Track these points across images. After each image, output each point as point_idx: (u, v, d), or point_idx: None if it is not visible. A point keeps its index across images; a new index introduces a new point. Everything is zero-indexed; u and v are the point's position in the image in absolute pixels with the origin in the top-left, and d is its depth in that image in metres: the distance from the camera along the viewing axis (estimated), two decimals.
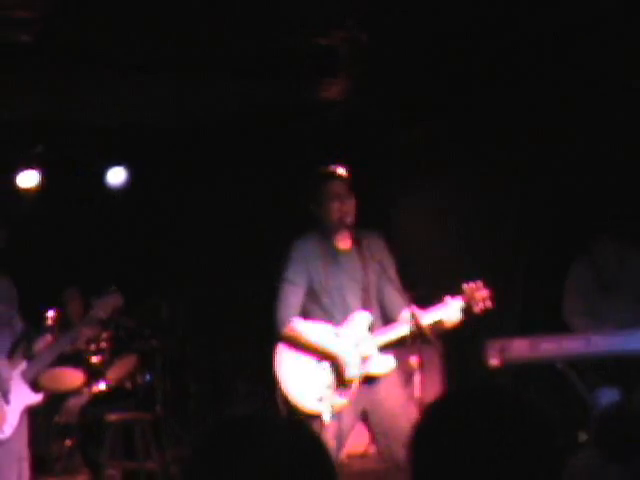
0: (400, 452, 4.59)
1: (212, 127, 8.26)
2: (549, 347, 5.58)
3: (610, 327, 5.66)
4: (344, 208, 4.85)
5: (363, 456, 6.62)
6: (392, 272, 4.96)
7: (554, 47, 6.32)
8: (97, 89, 7.41)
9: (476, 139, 7.43)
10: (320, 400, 4.75)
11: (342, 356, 4.82)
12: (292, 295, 4.90)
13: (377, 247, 4.98)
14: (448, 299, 4.84)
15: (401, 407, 4.87)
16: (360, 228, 4.95)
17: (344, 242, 4.95)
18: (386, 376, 4.90)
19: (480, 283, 4.88)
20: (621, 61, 6.20)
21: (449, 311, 4.81)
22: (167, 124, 8.25)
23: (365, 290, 4.98)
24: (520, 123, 7.06)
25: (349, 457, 6.55)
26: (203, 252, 8.82)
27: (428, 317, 4.80)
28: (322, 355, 4.86)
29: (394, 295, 4.91)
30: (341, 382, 4.83)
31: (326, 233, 4.95)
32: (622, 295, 5.92)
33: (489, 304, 4.87)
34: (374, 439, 5.12)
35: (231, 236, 8.60)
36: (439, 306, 4.83)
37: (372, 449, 6.47)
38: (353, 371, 4.82)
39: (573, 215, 6.68)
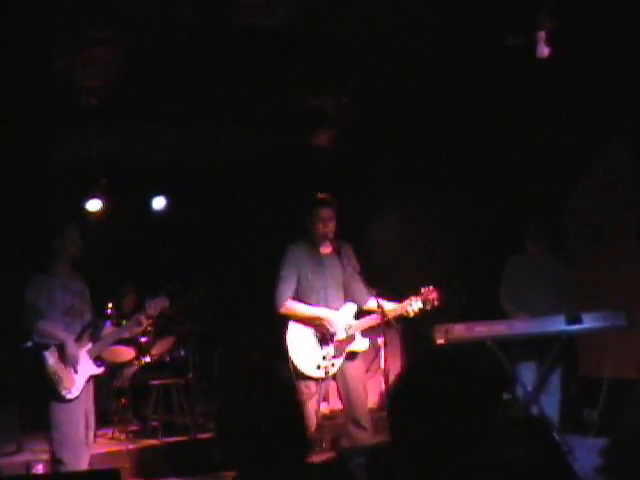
0: (357, 412, 5.00)
1: (231, 166, 8.59)
2: (481, 330, 5.73)
3: (531, 313, 5.66)
4: (328, 227, 5.12)
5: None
6: (358, 271, 5.15)
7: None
8: (145, 137, 7.78)
9: (426, 174, 7.67)
10: (317, 368, 4.97)
11: (330, 317, 5.07)
12: (286, 285, 5.10)
13: (348, 252, 5.26)
14: (412, 298, 4.99)
15: (362, 385, 5.15)
16: (338, 238, 5.17)
17: (326, 248, 5.23)
18: (357, 357, 5.13)
19: (432, 287, 5.02)
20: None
21: (411, 307, 4.98)
22: (197, 164, 8.54)
23: (342, 284, 5.18)
24: (458, 160, 7.39)
25: (332, 412, 6.70)
26: (223, 259, 9.13)
27: (391, 307, 4.98)
28: (315, 320, 5.05)
29: (361, 288, 5.16)
30: (337, 352, 5.02)
31: (313, 241, 5.24)
32: (544, 287, 5.91)
33: (438, 304, 5.00)
34: (340, 399, 5.22)
35: (244, 246, 8.92)
36: (405, 302, 4.99)
37: None
38: (341, 333, 5.06)
39: (509, 224, 6.76)
